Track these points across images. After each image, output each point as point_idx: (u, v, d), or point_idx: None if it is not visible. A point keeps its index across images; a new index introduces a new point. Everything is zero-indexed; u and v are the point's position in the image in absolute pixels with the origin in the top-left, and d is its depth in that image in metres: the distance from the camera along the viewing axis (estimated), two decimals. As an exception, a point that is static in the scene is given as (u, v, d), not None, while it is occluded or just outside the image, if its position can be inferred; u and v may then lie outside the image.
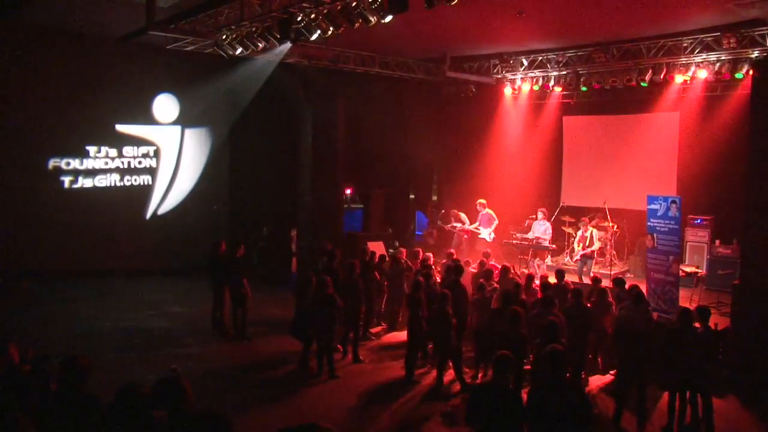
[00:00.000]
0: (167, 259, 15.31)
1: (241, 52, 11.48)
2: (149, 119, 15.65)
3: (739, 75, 11.83)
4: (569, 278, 10.89)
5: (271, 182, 16.54)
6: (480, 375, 9.27)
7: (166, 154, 15.97)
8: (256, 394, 8.41)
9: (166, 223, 15.91)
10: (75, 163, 14.90)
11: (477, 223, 14.54)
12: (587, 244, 12.82)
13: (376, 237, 15.42)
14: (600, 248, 13.52)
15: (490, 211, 14.51)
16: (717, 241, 12.82)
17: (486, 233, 14.35)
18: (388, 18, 8.89)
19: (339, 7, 9.26)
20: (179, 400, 3.77)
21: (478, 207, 14.60)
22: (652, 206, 10.95)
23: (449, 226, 15.01)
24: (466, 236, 14.59)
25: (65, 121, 14.45)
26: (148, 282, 14.59)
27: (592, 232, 12.94)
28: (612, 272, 12.72)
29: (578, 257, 12.84)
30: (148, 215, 15.90)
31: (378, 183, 17.21)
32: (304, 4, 9.57)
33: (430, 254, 12.46)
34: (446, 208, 16.27)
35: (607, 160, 15.45)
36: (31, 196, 14.26)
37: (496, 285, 9.89)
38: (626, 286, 9.52)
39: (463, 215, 14.80)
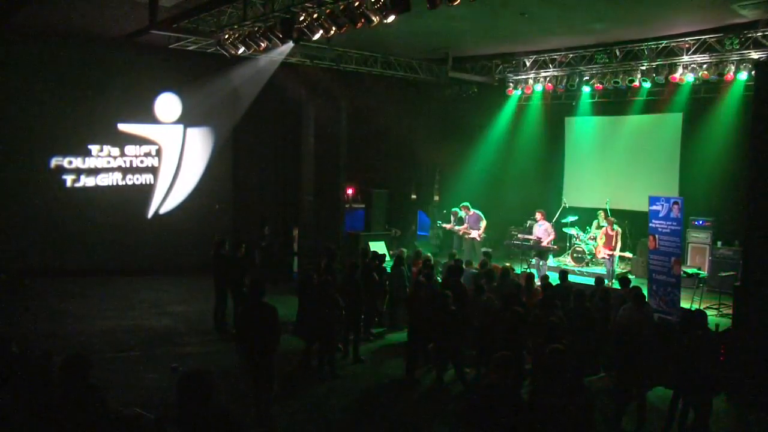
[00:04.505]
0: (169, 258, 15.30)
1: (244, 51, 11.49)
2: (151, 118, 15.65)
3: (741, 76, 11.82)
4: (574, 279, 10.86)
5: (273, 182, 16.54)
6: (481, 375, 9.26)
7: (168, 153, 15.97)
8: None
9: (167, 222, 15.89)
10: (77, 162, 14.91)
11: (465, 225, 14.64)
12: (613, 243, 12.58)
13: (377, 237, 15.44)
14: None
15: (478, 211, 14.67)
16: (719, 243, 12.79)
17: (476, 233, 14.46)
18: (391, 18, 8.90)
19: (341, 7, 9.27)
20: (205, 396, 3.72)
21: (462, 211, 14.70)
22: (654, 207, 10.92)
23: (449, 225, 15.05)
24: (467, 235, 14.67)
25: (68, 119, 14.45)
26: (149, 281, 14.57)
27: (617, 230, 12.74)
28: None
29: (606, 256, 12.63)
30: (150, 214, 15.89)
31: (380, 183, 17.20)
32: (306, 4, 9.58)
33: (430, 254, 12.47)
34: (447, 208, 16.28)
35: (609, 161, 15.44)
36: (34, 195, 14.27)
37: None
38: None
39: (462, 214, 14.81)
